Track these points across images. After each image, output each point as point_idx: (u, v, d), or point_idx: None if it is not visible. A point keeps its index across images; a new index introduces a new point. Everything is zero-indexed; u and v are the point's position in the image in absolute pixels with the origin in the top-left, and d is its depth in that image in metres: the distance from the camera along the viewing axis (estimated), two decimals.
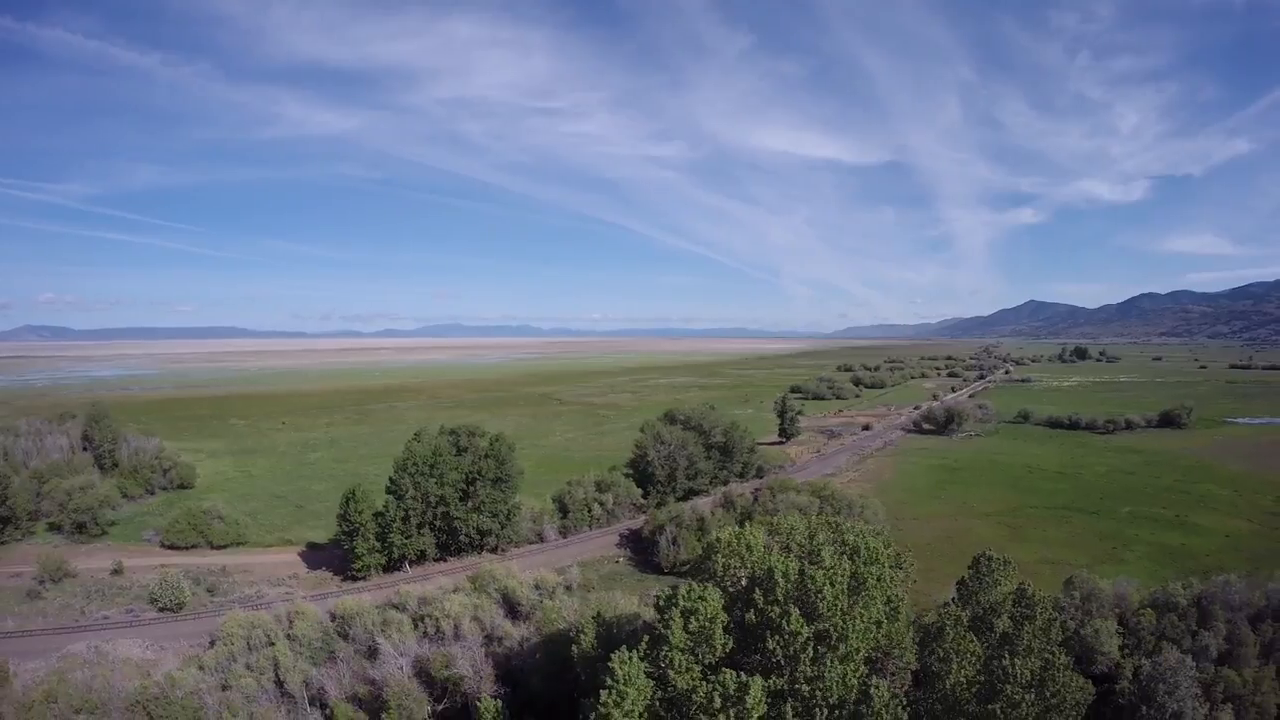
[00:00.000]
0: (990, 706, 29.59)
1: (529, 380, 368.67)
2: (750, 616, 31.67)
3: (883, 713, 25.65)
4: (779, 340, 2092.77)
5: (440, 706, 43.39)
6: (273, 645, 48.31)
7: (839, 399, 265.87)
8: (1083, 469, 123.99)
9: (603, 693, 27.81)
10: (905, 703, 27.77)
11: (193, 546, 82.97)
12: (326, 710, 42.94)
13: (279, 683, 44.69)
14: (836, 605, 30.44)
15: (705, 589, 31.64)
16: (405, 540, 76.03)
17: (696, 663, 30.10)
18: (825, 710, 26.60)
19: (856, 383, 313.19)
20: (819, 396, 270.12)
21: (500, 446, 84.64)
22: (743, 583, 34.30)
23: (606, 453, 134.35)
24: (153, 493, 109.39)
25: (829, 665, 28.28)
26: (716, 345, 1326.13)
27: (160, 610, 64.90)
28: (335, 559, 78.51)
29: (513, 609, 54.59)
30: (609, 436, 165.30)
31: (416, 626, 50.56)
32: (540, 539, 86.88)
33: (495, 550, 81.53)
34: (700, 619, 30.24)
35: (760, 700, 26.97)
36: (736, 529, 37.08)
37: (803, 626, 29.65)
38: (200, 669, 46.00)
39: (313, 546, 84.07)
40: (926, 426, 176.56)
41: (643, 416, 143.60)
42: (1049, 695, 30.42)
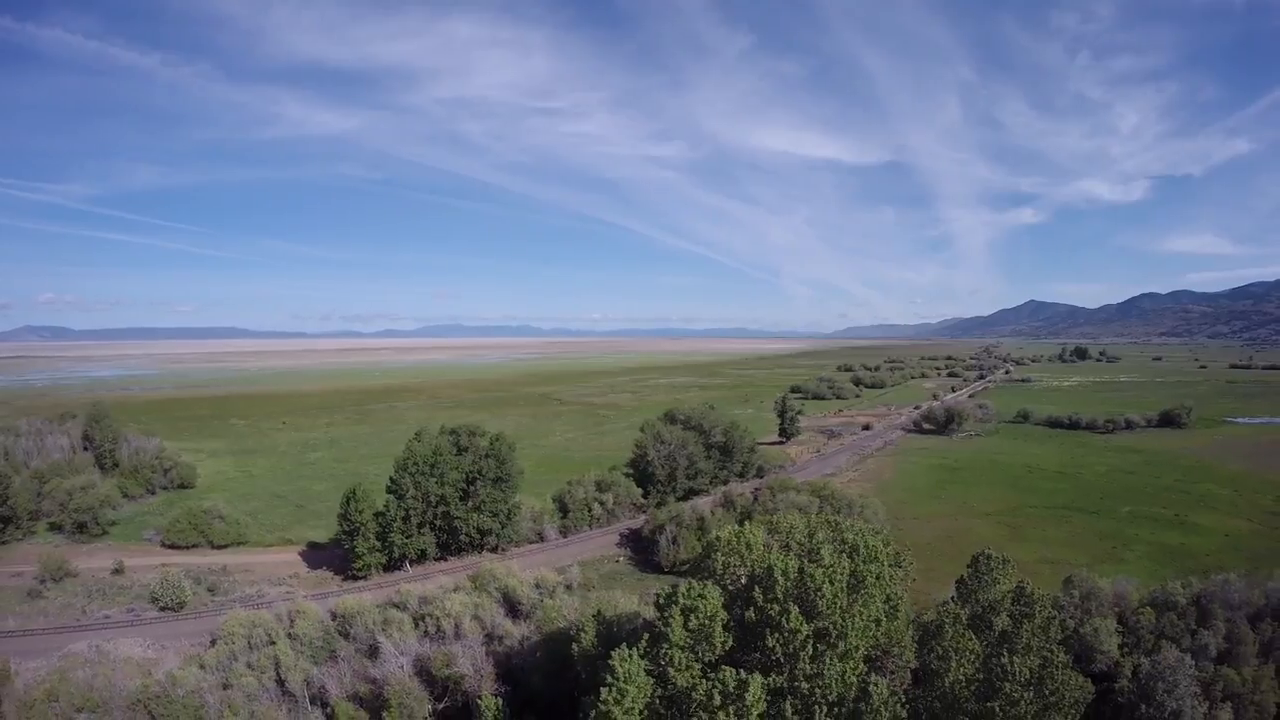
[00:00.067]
0: (989, 704, 29.69)
1: (529, 380, 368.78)
2: (750, 614, 31.76)
3: (882, 710, 25.75)
4: (779, 340, 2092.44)
5: (441, 705, 43.46)
6: (274, 644, 48.37)
7: (839, 399, 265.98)
8: (1083, 469, 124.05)
9: (603, 690, 27.90)
10: (904, 700, 27.87)
11: (193, 546, 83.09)
12: (328, 709, 43.00)
13: (280, 681, 44.75)
14: (836, 603, 30.54)
15: (705, 587, 31.74)
16: (406, 540, 76.13)
17: (696, 660, 30.20)
18: (825, 707, 26.70)
19: (856, 383, 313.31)
20: (819, 396, 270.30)
21: (501, 446, 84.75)
22: (742, 581, 34.40)
23: (607, 452, 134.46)
24: (153, 492, 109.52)
25: (828, 663, 28.38)
26: (716, 345, 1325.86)
27: (161, 609, 65.01)
28: (336, 558, 78.64)
29: (513, 608, 54.65)
30: (609, 436, 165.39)
31: (417, 625, 50.60)
32: (540, 538, 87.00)
33: (496, 550, 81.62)
34: (700, 617, 30.34)
35: (760, 698, 27.08)
36: (736, 528, 37.18)
37: (802, 624, 29.75)
38: (201, 668, 46.02)
39: (313, 546, 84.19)
40: (926, 426, 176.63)
41: (643, 416, 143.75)
42: (1048, 693, 30.52)
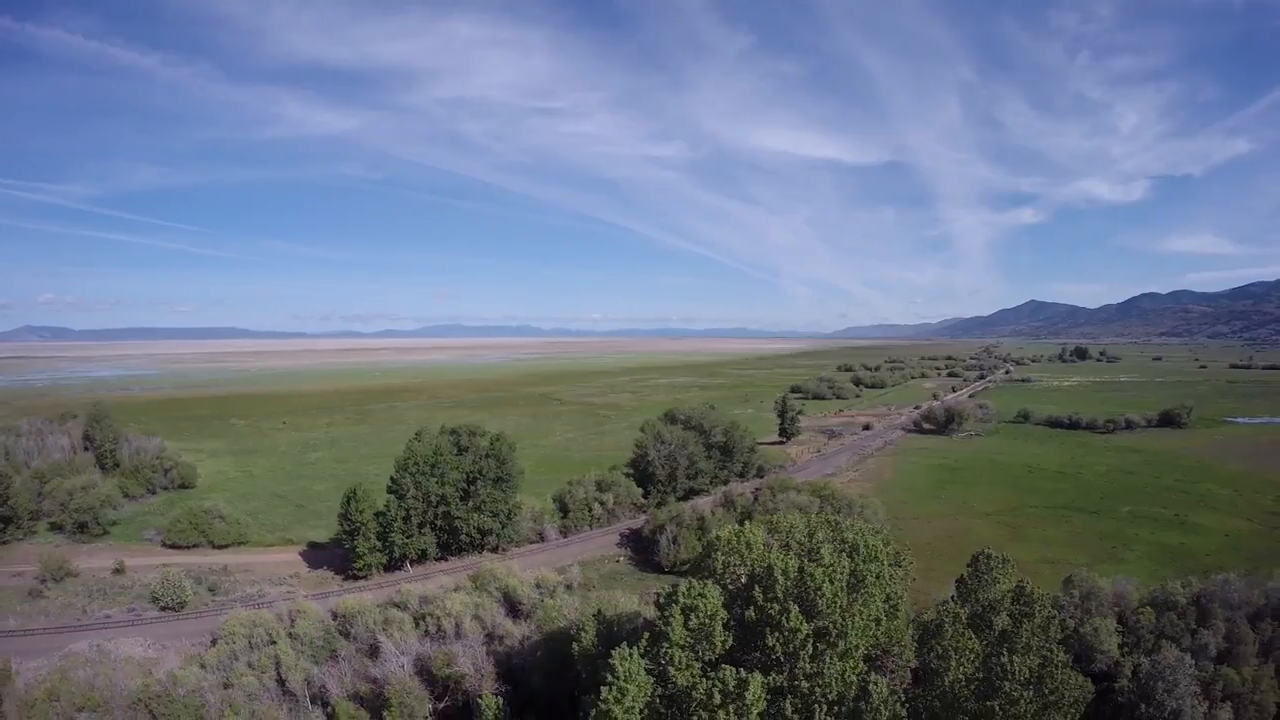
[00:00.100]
0: (989, 703, 29.75)
1: (529, 380, 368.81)
2: (750, 614, 31.82)
3: (881, 709, 25.80)
4: (779, 340, 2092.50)
5: (442, 704, 43.50)
6: (274, 644, 48.41)
7: (839, 399, 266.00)
8: (1083, 468, 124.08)
9: (603, 689, 27.94)
10: (904, 699, 27.93)
11: (194, 546, 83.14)
12: (328, 708, 43.02)
13: (281, 681, 44.77)
14: (836, 602, 30.60)
15: (705, 586, 31.79)
16: (406, 539, 76.18)
17: (696, 659, 30.25)
18: (824, 706, 26.75)
19: (857, 383, 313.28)
20: (819, 396, 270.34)
21: (501, 446, 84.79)
22: (742, 580, 34.45)
23: (607, 452, 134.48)
24: (154, 492, 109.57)
25: (828, 662, 28.43)
26: (716, 345, 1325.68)
27: (162, 609, 65.06)
28: (336, 558, 78.70)
29: (514, 608, 54.71)
30: (609, 436, 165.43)
31: (418, 625, 50.64)
32: (541, 538, 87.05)
33: (496, 549, 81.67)
34: (700, 616, 30.39)
35: (760, 697, 27.13)
36: (736, 527, 37.23)
37: (802, 624, 29.80)
38: (202, 667, 46.03)
39: (314, 546, 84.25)
40: (927, 426, 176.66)
41: (643, 416, 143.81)
42: (1047, 692, 30.58)
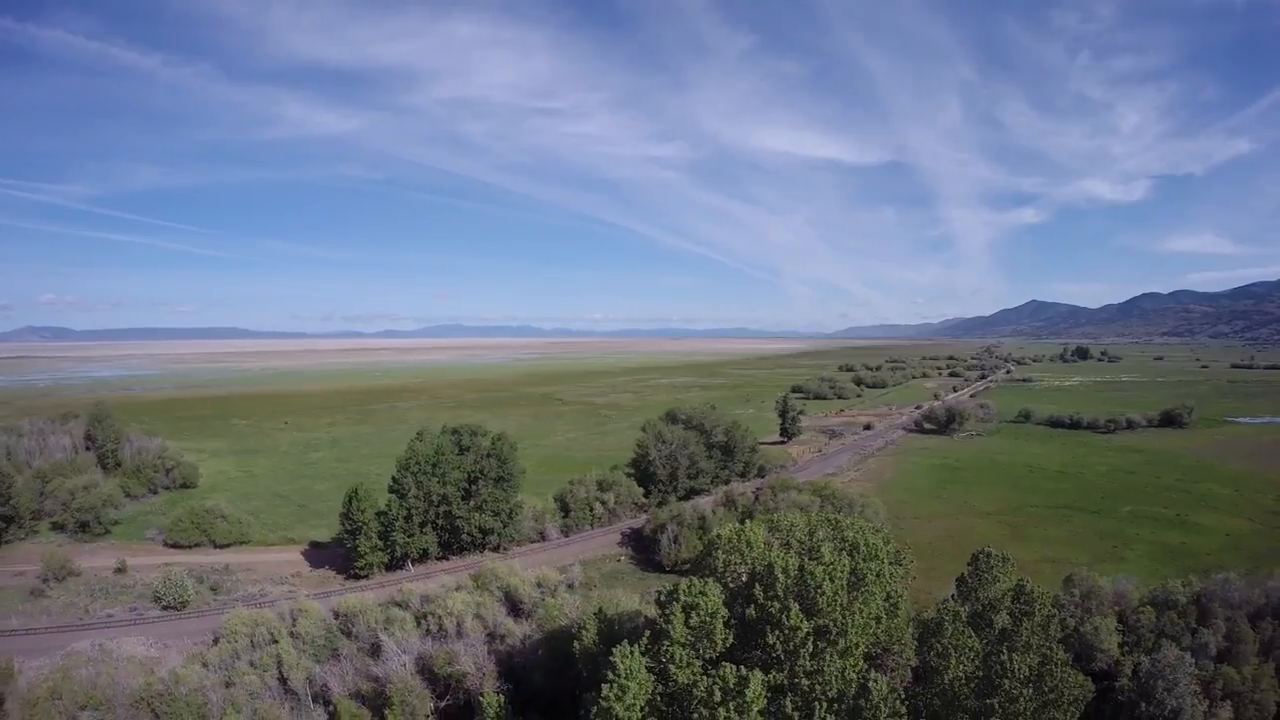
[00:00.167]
0: (989, 701, 29.83)
1: (530, 380, 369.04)
2: (750, 612, 31.91)
3: (881, 706, 25.88)
4: (780, 340, 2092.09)
5: (443, 703, 43.62)
6: (276, 643, 48.52)
7: (840, 399, 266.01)
8: (1084, 468, 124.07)
9: (604, 686, 28.03)
10: (904, 697, 28.01)
11: (196, 545, 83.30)
12: (330, 707, 43.13)
13: (282, 680, 44.87)
14: (836, 601, 30.69)
15: (706, 584, 31.88)
16: (408, 539, 76.31)
17: (697, 657, 30.35)
18: (824, 704, 26.84)
19: (858, 382, 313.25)
20: (820, 396, 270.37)
21: (502, 446, 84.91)
22: (743, 578, 34.54)
23: (608, 452, 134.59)
24: (156, 492, 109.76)
25: (828, 660, 28.52)
26: (717, 345, 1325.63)
27: (164, 608, 65.21)
28: (338, 558, 78.85)
29: (515, 607, 54.80)
30: (610, 436, 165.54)
31: (419, 624, 50.75)
32: (542, 538, 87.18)
33: (497, 549, 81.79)
34: (701, 614, 30.48)
35: (760, 694, 27.21)
36: (737, 526, 37.31)
37: (802, 622, 29.89)
38: (204, 666, 46.16)
39: (315, 545, 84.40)
40: (928, 426, 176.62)
41: (644, 416, 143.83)
42: (1047, 691, 30.65)
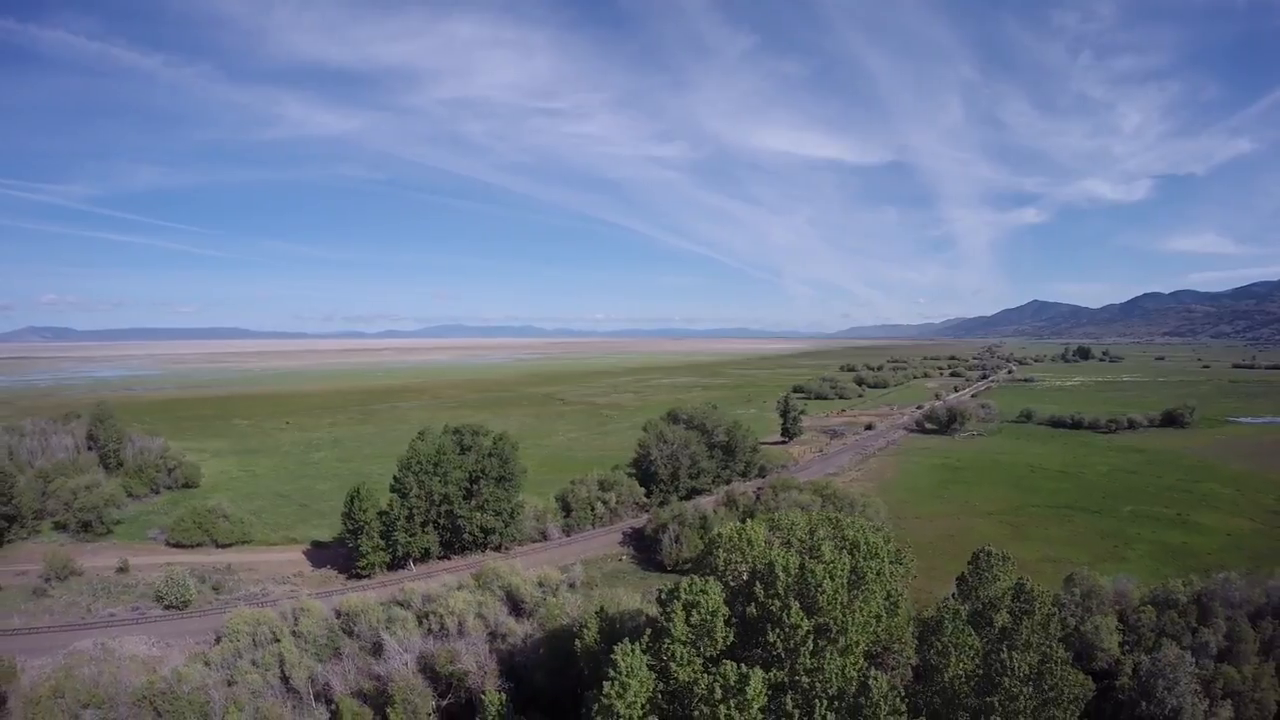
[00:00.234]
0: (988, 699, 29.90)
1: (532, 380, 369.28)
2: (751, 610, 32.00)
3: (881, 704, 25.95)
4: (781, 340, 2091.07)
5: (445, 702, 43.72)
6: (278, 642, 48.61)
7: (842, 399, 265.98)
8: (1085, 468, 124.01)
9: (605, 684, 28.12)
10: (904, 695, 28.08)
11: (198, 545, 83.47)
12: (332, 705, 43.24)
13: (284, 679, 44.98)
14: (836, 599, 30.77)
15: (707, 583, 31.96)
16: (409, 538, 76.42)
17: (698, 655, 30.43)
18: (825, 701, 26.92)
19: (859, 382, 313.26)
20: (822, 396, 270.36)
21: (504, 445, 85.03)
22: (744, 577, 34.61)
23: (609, 452, 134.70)
24: (157, 492, 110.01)
25: (829, 658, 28.60)
26: (719, 345, 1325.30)
27: (166, 608, 65.39)
28: (340, 557, 79.01)
29: (516, 606, 54.90)
30: (612, 436, 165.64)
31: (421, 623, 50.88)
32: (544, 537, 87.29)
33: (499, 548, 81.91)
34: (702, 612, 30.57)
35: (760, 692, 27.29)
36: (738, 525, 37.39)
37: (803, 620, 29.97)
38: (206, 665, 46.26)
39: (317, 545, 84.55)
40: (929, 426, 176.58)
41: (645, 416, 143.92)
42: (1047, 689, 30.71)
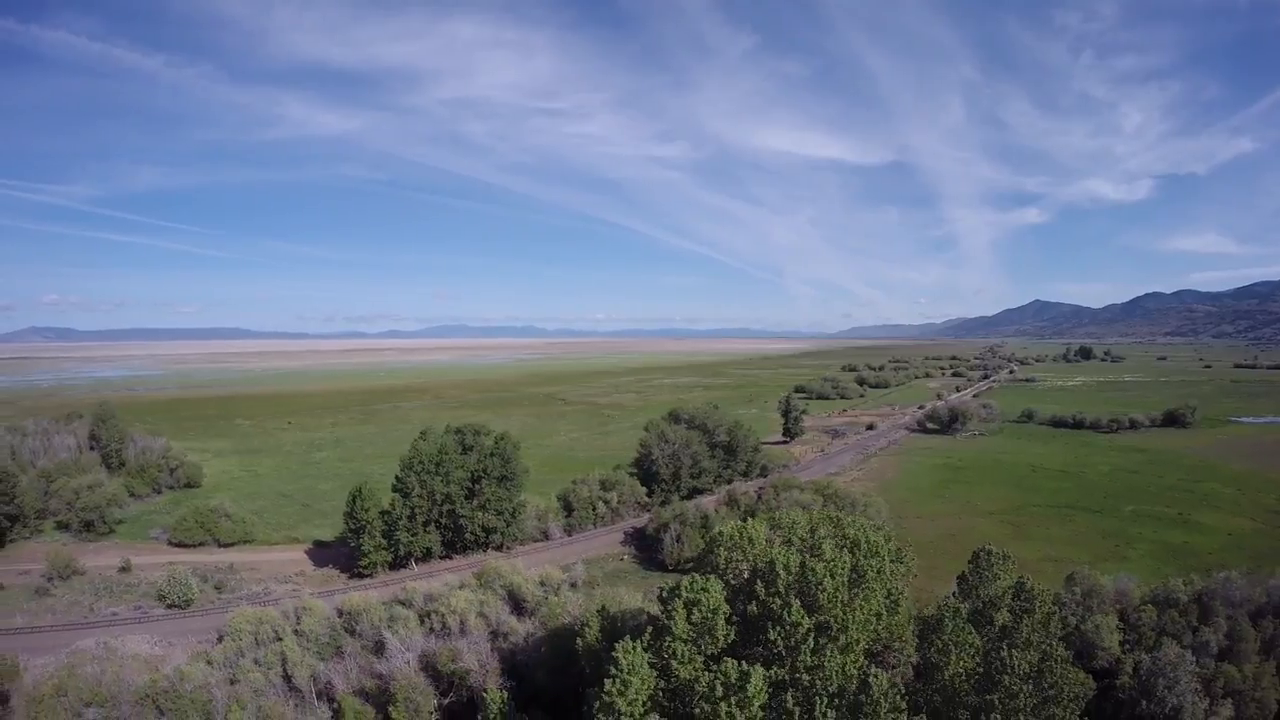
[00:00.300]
0: (989, 697, 29.96)
1: (533, 380, 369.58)
2: (752, 608, 32.09)
3: (881, 701, 26.03)
4: (783, 340, 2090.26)
5: (447, 700, 43.84)
6: (280, 641, 48.74)
7: (843, 399, 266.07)
8: (1086, 468, 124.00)
9: (607, 681, 28.21)
10: (904, 693, 28.16)
11: (200, 544, 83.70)
12: (334, 704, 43.35)
13: (287, 677, 45.13)
14: (837, 597, 30.85)
15: (708, 581, 32.04)
16: (411, 538, 76.58)
17: (699, 653, 30.52)
18: (825, 699, 27.00)
19: (861, 382, 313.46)
20: (823, 396, 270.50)
21: (505, 445, 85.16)
22: (745, 575, 34.70)
23: (611, 452, 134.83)
24: (159, 491, 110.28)
25: (829, 656, 28.68)
26: (720, 345, 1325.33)
27: (168, 607, 65.61)
28: (341, 556, 79.18)
29: (518, 605, 55.00)
30: (613, 436, 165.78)
31: (423, 622, 50.99)
32: (545, 537, 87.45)
33: (501, 548, 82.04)
34: (703, 610, 30.65)
35: (761, 689, 27.37)
36: (739, 523, 37.47)
37: (803, 618, 30.05)
38: (209, 664, 46.38)
39: (319, 544, 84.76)
40: (931, 426, 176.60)
41: (647, 416, 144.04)
42: (1047, 687, 30.75)
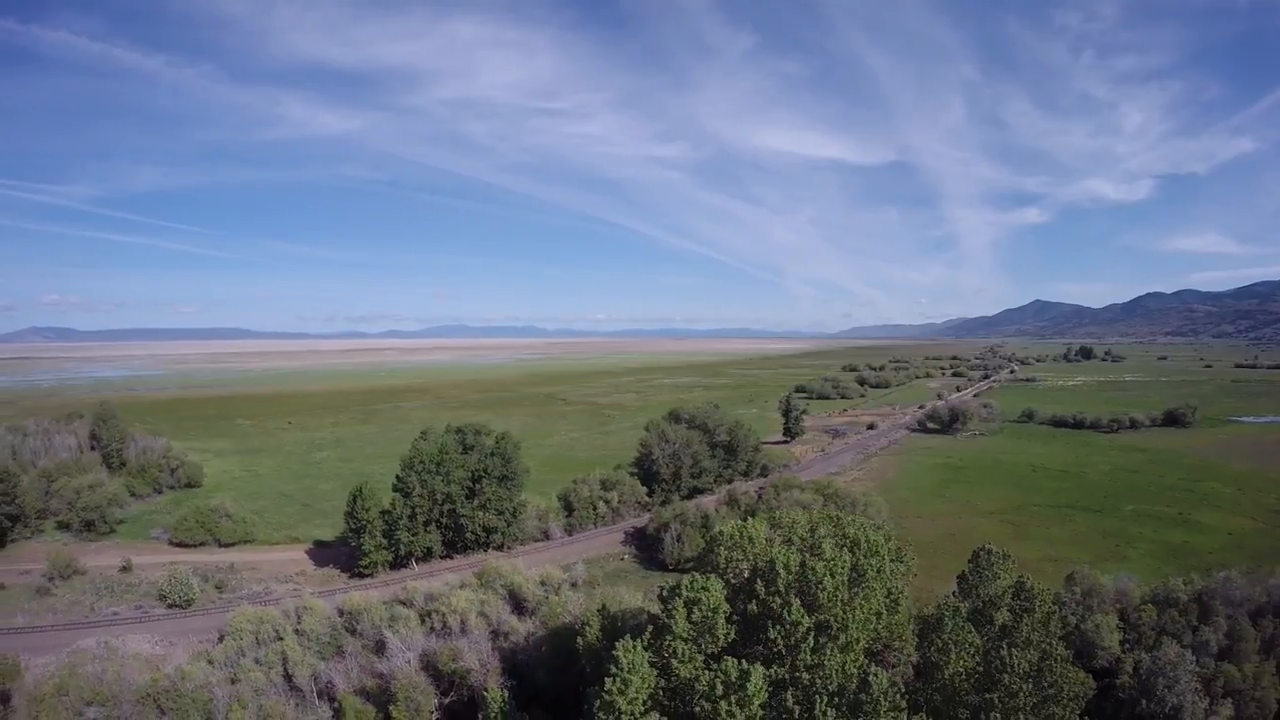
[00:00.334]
0: (988, 696, 30.02)
1: (534, 380, 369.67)
2: (752, 607, 32.15)
3: (881, 700, 26.08)
4: (783, 340, 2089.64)
5: (447, 699, 43.93)
6: (281, 640, 48.81)
7: (844, 399, 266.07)
8: (1087, 468, 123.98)
9: (607, 680, 28.27)
10: (904, 692, 28.22)
11: (201, 544, 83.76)
12: (335, 703, 43.41)
13: (288, 676, 45.21)
14: (837, 596, 30.91)
15: (708, 580, 32.09)
16: (412, 538, 76.64)
17: (699, 652, 30.58)
18: (825, 698, 27.05)
19: (861, 382, 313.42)
20: (824, 396, 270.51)
21: (506, 445, 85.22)
22: (745, 574, 34.75)
23: (611, 452, 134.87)
24: (160, 491, 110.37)
25: (829, 654, 28.74)
26: (720, 345, 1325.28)
27: (169, 606, 65.67)
28: (342, 556, 79.25)
29: (519, 604, 55.06)
30: (614, 436, 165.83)
31: (423, 621, 51.07)
32: (546, 537, 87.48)
33: (501, 548, 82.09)
34: (703, 609, 30.71)
35: (761, 688, 27.42)
36: (739, 522, 37.53)
37: (803, 617, 30.11)
38: (210, 663, 46.46)
39: (320, 544, 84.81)
40: (931, 426, 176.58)
41: (647, 416, 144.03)
42: (1046, 686, 30.81)
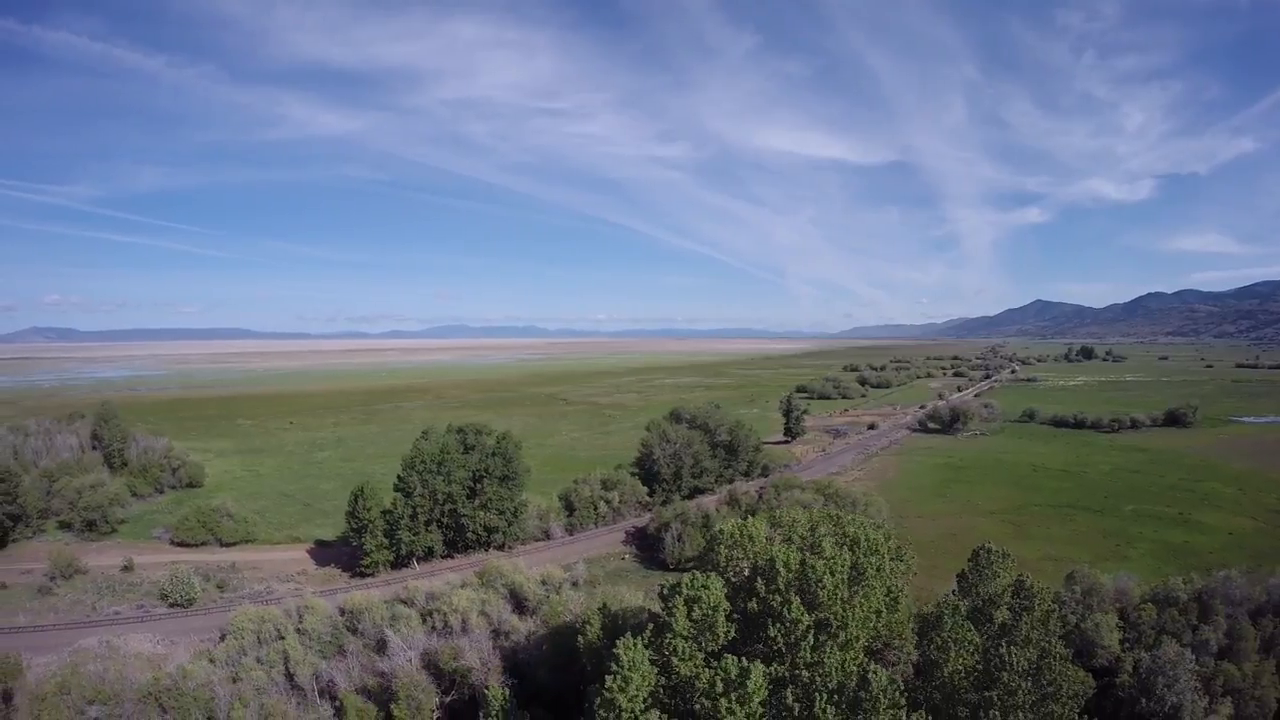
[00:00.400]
0: (987, 694, 30.11)
1: (535, 380, 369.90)
2: (752, 605, 32.26)
3: (881, 698, 26.18)
4: (784, 340, 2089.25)
5: (449, 698, 44.01)
6: (283, 639, 48.95)
7: (845, 398, 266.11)
8: (1087, 467, 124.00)
9: (608, 678, 28.38)
10: (904, 689, 28.31)
11: (202, 544, 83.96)
12: (336, 702, 43.52)
13: (289, 675, 45.30)
14: (837, 594, 31.02)
15: (708, 578, 32.19)
16: (413, 537, 76.78)
17: (699, 650, 30.69)
18: (825, 695, 27.14)
19: (862, 382, 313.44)
20: (825, 396, 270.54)
21: (507, 444, 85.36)
22: (745, 573, 34.85)
23: (612, 452, 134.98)
24: (162, 491, 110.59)
25: (829, 652, 28.85)
26: (721, 345, 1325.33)
27: (171, 606, 65.84)
28: (343, 556, 79.42)
29: (519, 603, 55.17)
30: (615, 436, 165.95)
31: (425, 621, 51.17)
32: (547, 536, 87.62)
33: (502, 547, 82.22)
34: (703, 607, 30.82)
35: (761, 685, 27.52)
36: (739, 521, 37.62)
37: (803, 615, 30.22)
38: (211, 662, 46.57)
39: (321, 544, 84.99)
40: (932, 425, 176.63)
41: (648, 416, 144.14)
42: (1046, 684, 30.89)
